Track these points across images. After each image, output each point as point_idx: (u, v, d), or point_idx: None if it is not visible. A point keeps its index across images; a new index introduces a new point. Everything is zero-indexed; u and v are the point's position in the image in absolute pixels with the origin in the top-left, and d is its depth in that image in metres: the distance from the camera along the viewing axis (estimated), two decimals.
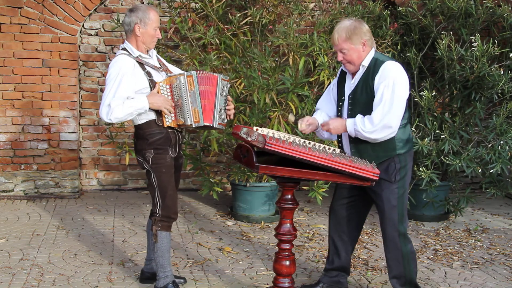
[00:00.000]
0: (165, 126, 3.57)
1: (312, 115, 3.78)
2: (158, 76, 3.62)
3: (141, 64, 3.55)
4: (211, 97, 3.57)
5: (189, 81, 3.53)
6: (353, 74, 3.54)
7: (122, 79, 3.43)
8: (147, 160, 3.59)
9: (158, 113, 3.56)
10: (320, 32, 5.25)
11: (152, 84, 3.55)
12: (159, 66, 3.68)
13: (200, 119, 3.54)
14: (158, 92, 3.53)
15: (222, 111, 3.63)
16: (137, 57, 3.56)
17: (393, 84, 3.34)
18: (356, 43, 3.41)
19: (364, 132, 3.37)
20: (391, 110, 3.32)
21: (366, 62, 3.45)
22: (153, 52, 3.71)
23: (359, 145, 3.48)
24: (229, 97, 3.69)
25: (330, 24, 5.33)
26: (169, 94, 3.55)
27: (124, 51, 3.57)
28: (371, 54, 3.47)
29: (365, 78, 3.45)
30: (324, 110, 3.72)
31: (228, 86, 3.68)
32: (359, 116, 3.41)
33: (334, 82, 3.73)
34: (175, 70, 3.85)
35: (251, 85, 5.01)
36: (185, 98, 3.52)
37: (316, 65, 5.18)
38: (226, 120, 3.69)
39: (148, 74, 3.56)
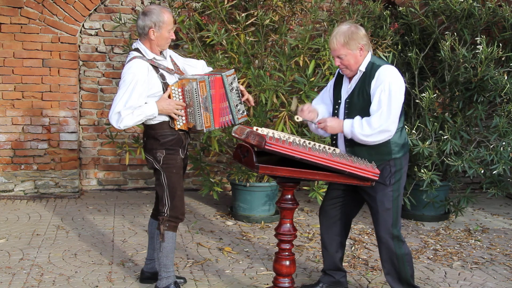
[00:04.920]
0: (177, 129, 3.57)
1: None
2: (171, 78, 3.60)
3: (155, 67, 3.53)
4: (223, 99, 3.58)
5: (202, 87, 3.50)
6: (350, 78, 3.55)
7: (135, 87, 3.40)
8: (158, 160, 3.59)
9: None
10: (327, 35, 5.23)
11: (165, 86, 3.53)
12: (172, 68, 3.66)
13: (211, 124, 3.56)
14: (170, 96, 3.51)
15: (239, 106, 3.63)
16: (151, 59, 3.53)
17: (389, 89, 3.35)
18: (353, 48, 3.42)
19: (361, 135, 3.36)
20: (390, 115, 3.33)
21: (363, 67, 3.47)
22: (167, 52, 3.67)
23: (355, 148, 3.49)
24: (240, 87, 3.69)
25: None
26: (180, 97, 3.53)
27: (137, 53, 3.53)
28: (368, 58, 3.48)
29: (361, 82, 3.46)
30: (320, 108, 3.71)
31: (235, 78, 3.66)
32: (357, 118, 3.41)
33: (331, 83, 3.74)
34: (189, 68, 3.81)
35: (260, 85, 5.00)
36: (197, 103, 3.51)
37: (325, 67, 5.17)
38: (246, 112, 3.70)
39: (162, 77, 3.53)
